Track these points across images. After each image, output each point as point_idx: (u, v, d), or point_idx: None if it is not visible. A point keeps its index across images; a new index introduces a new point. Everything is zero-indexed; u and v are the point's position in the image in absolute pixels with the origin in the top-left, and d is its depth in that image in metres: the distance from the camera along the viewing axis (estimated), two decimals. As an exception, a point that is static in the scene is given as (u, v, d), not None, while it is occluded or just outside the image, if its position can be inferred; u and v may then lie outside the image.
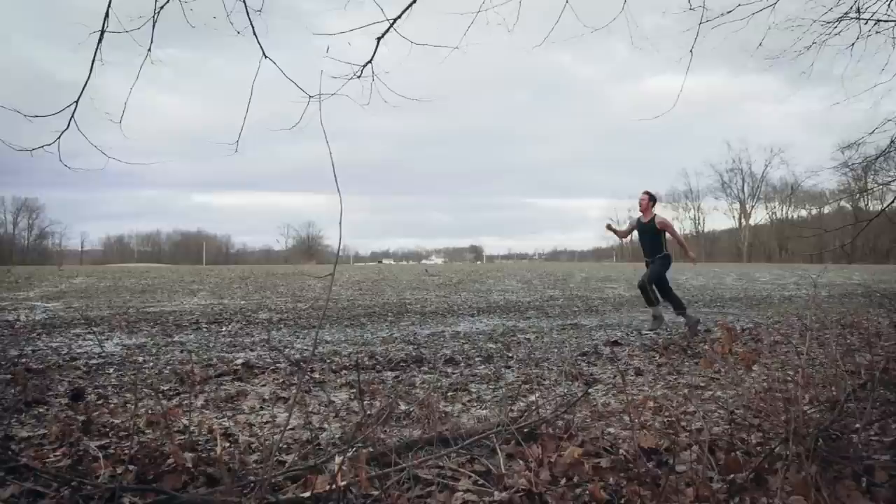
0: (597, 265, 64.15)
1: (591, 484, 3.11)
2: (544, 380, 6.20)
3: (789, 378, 4.35)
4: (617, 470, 3.30)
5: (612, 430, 4.10)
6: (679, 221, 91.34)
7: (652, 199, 9.68)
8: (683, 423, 4.24)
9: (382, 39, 6.30)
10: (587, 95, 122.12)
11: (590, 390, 5.38)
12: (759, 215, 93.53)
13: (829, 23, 8.13)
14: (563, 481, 3.19)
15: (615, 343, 8.83)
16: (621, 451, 3.55)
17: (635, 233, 9.95)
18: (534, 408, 4.47)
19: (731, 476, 3.11)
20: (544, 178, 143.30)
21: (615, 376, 6.30)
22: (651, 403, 4.84)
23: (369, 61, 6.27)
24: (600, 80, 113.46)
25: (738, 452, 3.36)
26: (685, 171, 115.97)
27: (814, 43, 8.33)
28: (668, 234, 9.52)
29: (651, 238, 9.54)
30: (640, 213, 9.73)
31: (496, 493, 2.99)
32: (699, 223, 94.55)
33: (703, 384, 5.85)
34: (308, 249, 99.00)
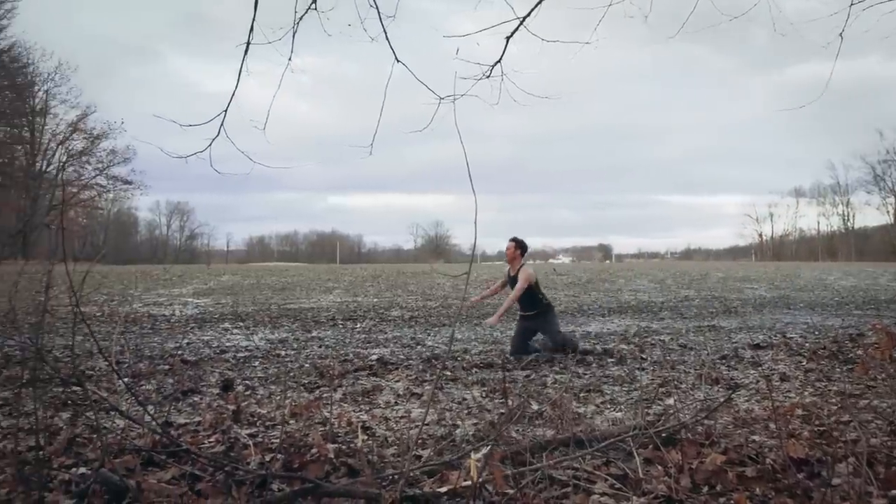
0: (734, 264, 61.16)
1: (736, 493, 2.98)
2: (681, 383, 5.99)
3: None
4: (764, 480, 3.14)
5: (756, 437, 3.90)
6: (826, 218, 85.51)
7: (519, 247, 8.16)
8: (837, 433, 3.97)
9: (512, 38, 6.31)
10: (722, 87, 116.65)
11: (732, 395, 5.14)
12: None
13: None
14: (704, 489, 3.07)
15: (758, 346, 8.38)
16: (768, 460, 3.37)
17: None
18: (672, 412, 4.33)
19: (893, 492, 2.88)
20: (676, 174, 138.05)
21: (758, 381, 5.99)
22: (799, 411, 4.56)
23: (498, 61, 6.29)
24: (737, 71, 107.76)
25: (901, 467, 3.11)
26: (832, 163, 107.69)
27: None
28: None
29: (525, 295, 7.93)
30: (508, 265, 8.30)
31: (634, 497, 2.91)
32: (848, 219, 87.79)
33: (857, 392, 5.45)
34: (436, 249, 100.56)
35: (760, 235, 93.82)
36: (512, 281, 8.10)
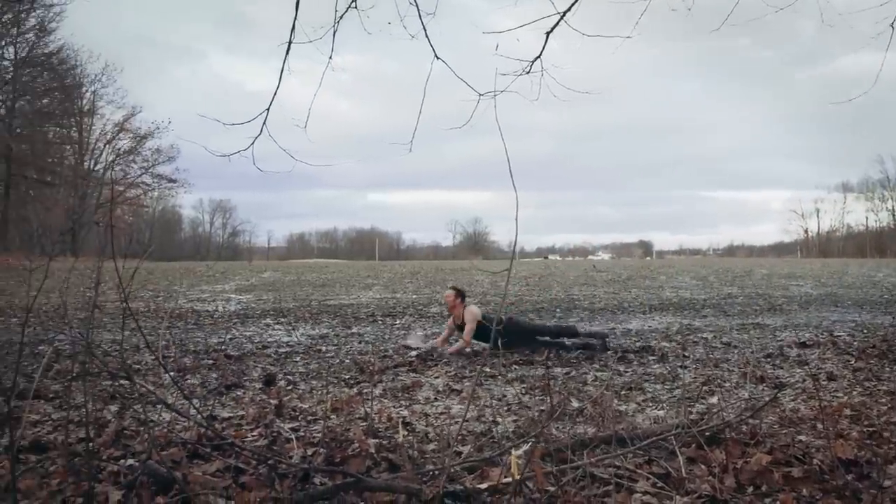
0: (779, 261, 59.97)
1: (782, 494, 2.92)
2: (725, 381, 5.90)
3: None
4: (811, 481, 3.08)
5: (803, 437, 3.82)
6: (874, 213, 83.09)
7: (459, 294, 7.96)
8: (887, 434, 3.87)
9: (552, 33, 6.26)
10: (767, 80, 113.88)
11: (778, 394, 5.04)
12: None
13: None
14: (749, 489, 3.03)
15: (804, 344, 8.20)
16: (815, 460, 3.30)
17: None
18: (715, 410, 4.27)
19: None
20: (719, 169, 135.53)
21: (805, 380, 5.86)
22: (848, 411, 4.45)
23: (538, 56, 6.25)
24: (783, 63, 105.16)
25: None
26: (881, 157, 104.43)
27: None
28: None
29: (478, 332, 7.66)
30: (450, 313, 8.06)
31: (677, 496, 2.88)
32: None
33: (909, 392, 5.30)
34: (475, 245, 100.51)
35: (806, 231, 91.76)
36: (459, 328, 7.87)
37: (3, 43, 40.40)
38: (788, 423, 4.12)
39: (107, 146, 56.27)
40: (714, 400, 5.05)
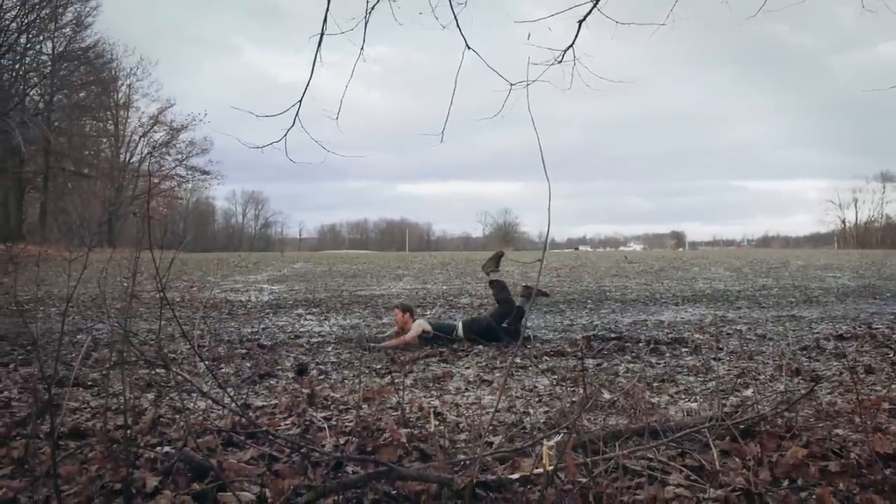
0: (815, 252, 58.77)
1: (819, 488, 2.88)
2: (760, 374, 5.82)
3: None
4: (848, 475, 3.02)
5: (840, 431, 3.75)
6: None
7: (406, 310, 8.16)
8: (928, 429, 3.79)
9: (584, 22, 6.20)
10: (805, 68, 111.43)
11: (814, 387, 4.95)
12: None
13: None
14: (785, 483, 2.98)
15: (841, 337, 8.05)
16: (853, 454, 3.25)
17: None
18: (750, 403, 4.21)
19: None
20: (753, 159, 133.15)
21: (842, 373, 5.76)
22: (886, 404, 4.36)
23: (571, 45, 6.19)
24: (821, 50, 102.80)
25: None
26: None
27: None
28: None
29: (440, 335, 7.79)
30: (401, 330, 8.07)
31: (710, 489, 2.85)
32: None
33: (951, 386, 5.18)
34: (505, 236, 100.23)
35: (843, 222, 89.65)
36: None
37: (42, 38, 41.14)
38: (825, 417, 4.05)
39: (142, 139, 57.20)
40: (749, 392, 4.98)
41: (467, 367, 6.33)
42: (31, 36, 39.60)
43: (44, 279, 16.83)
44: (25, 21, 38.04)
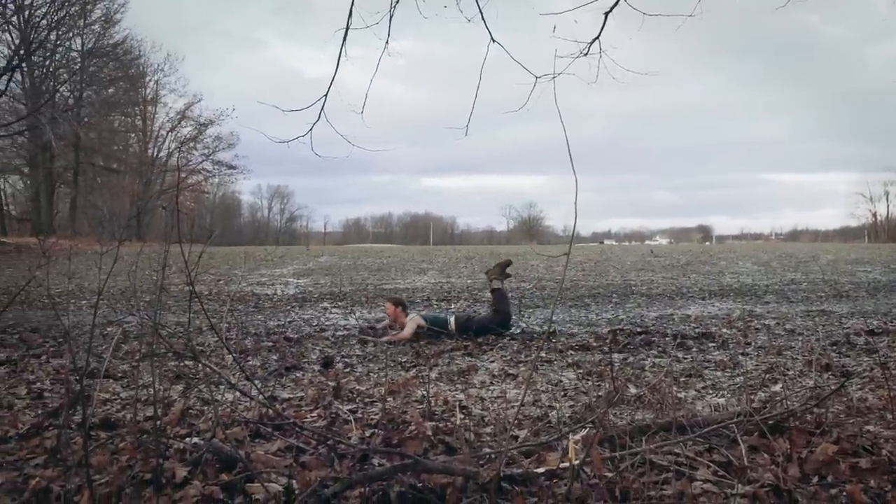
0: (845, 246, 57.76)
1: (849, 485, 2.84)
2: (789, 369, 5.74)
3: None
4: (879, 472, 2.98)
5: (871, 427, 3.70)
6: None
7: (398, 304, 8.16)
8: (962, 426, 3.71)
9: (610, 13, 6.15)
10: (836, 59, 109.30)
11: (844, 383, 4.88)
12: None
13: None
14: (814, 479, 2.95)
15: (872, 332, 7.92)
16: (884, 451, 3.19)
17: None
18: (779, 399, 4.17)
19: None
20: (781, 151, 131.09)
21: (873, 369, 5.67)
22: (919, 401, 4.29)
23: (597, 37, 6.15)
24: (854, 41, 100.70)
25: None
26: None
27: None
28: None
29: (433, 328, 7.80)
30: (395, 323, 8.09)
31: (738, 485, 2.82)
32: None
33: None
34: (529, 230, 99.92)
35: (874, 215, 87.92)
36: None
37: (71, 35, 41.72)
38: (856, 413, 3.99)
39: (169, 134, 57.85)
40: (777, 388, 4.92)
41: (492, 361, 6.33)
42: (60, 33, 40.16)
43: (75, 272, 17.10)
44: (55, 18, 38.56)
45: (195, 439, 3.49)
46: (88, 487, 2.61)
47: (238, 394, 4.31)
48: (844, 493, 2.79)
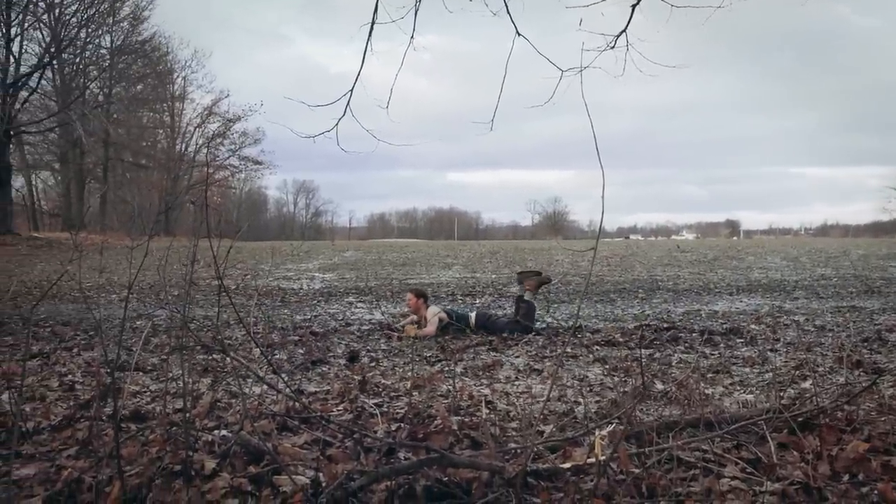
0: (876, 241, 56.82)
1: (881, 483, 2.79)
2: (819, 366, 5.67)
3: None
4: (912, 471, 2.93)
5: (903, 425, 3.64)
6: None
7: (420, 295, 8.09)
8: None
9: (638, 6, 6.09)
10: (867, 50, 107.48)
11: (876, 380, 4.80)
12: None
13: None
14: (845, 477, 2.91)
15: (904, 329, 7.78)
16: (917, 449, 3.14)
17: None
18: (808, 395, 4.11)
19: None
20: (811, 145, 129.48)
21: (905, 366, 5.57)
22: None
23: (624, 30, 6.09)
24: (886, 32, 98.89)
25: None
26: None
27: None
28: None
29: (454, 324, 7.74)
30: (415, 314, 8.09)
31: (767, 482, 2.79)
32: None
33: None
34: (554, 225, 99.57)
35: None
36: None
37: (101, 32, 42.30)
38: (888, 411, 3.93)
39: (197, 130, 58.48)
40: (807, 385, 4.86)
41: (517, 356, 6.32)
42: (90, 30, 40.75)
43: (106, 267, 17.36)
44: (85, 16, 39.14)
45: (223, 432, 3.53)
46: (119, 478, 2.66)
47: (265, 387, 4.35)
48: (876, 492, 2.75)
